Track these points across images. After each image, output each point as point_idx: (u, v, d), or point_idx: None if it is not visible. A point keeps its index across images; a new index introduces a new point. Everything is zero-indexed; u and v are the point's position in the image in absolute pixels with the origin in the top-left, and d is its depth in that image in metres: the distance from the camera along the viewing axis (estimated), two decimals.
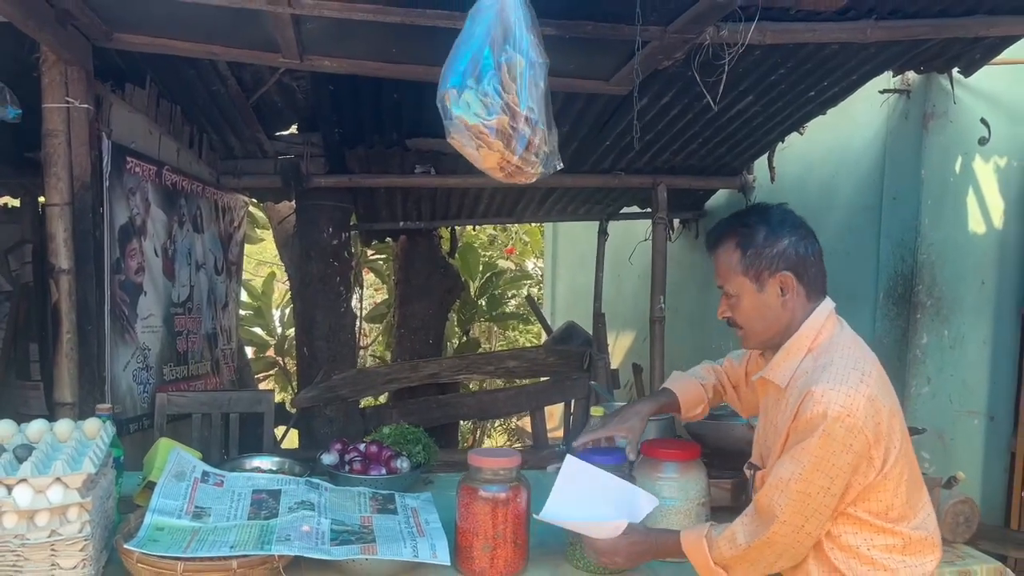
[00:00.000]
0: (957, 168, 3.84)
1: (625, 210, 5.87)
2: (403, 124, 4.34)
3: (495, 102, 1.83)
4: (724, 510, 2.39)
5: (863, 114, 4.12)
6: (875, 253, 4.05)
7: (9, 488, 1.62)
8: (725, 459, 2.50)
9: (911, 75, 3.85)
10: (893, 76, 3.84)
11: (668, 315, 4.79)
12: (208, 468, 2.14)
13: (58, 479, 1.65)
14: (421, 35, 2.80)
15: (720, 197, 5.52)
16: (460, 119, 1.82)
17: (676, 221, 5.87)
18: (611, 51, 3.06)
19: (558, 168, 2.14)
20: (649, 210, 5.20)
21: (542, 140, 2.03)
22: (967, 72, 3.63)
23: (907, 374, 3.91)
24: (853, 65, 3.46)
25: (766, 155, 4.80)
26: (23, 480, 1.63)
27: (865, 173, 4.17)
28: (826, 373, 1.64)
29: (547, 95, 2.03)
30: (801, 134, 4.45)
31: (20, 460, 1.71)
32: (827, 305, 1.79)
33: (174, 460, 2.08)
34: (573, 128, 4.15)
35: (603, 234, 5.79)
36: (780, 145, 4.66)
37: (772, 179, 4.82)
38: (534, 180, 2.15)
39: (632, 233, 5.91)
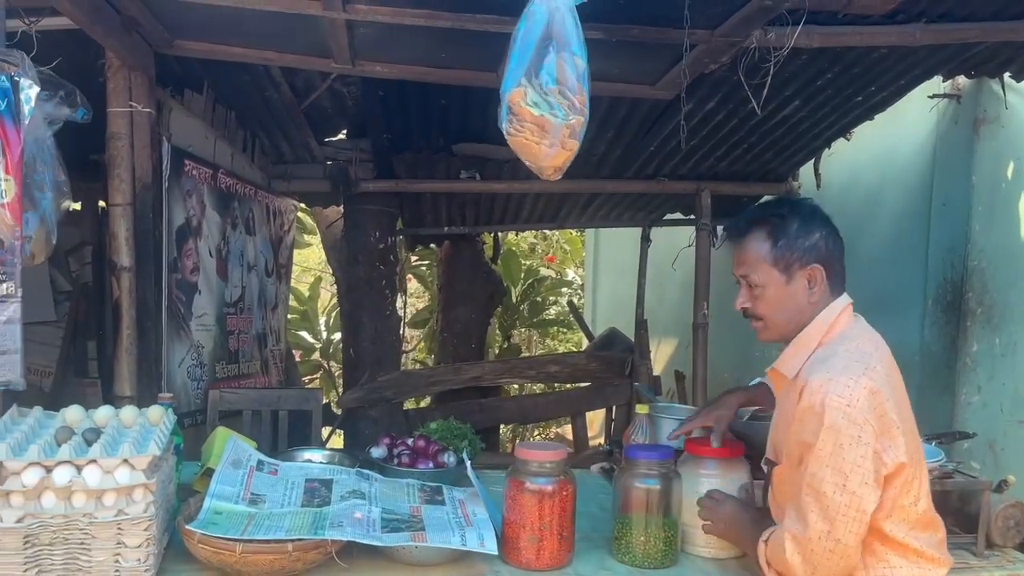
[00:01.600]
0: (1009, 174, 3.79)
1: (668, 217, 5.86)
2: (450, 129, 4.41)
3: (569, 101, 1.87)
4: (765, 511, 2.39)
5: (912, 119, 4.08)
6: (923, 260, 4.01)
7: (79, 468, 1.70)
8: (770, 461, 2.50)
9: (962, 79, 3.81)
10: (943, 80, 3.81)
11: (711, 322, 4.78)
12: (263, 457, 2.21)
13: (125, 460, 1.72)
14: (470, 40, 2.86)
15: None
16: (542, 117, 1.85)
17: (720, 228, 5.84)
18: (656, 55, 3.09)
19: None
20: (692, 217, 5.20)
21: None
22: (1019, 76, 3.58)
23: (956, 383, 3.86)
24: (902, 69, 3.44)
25: (812, 161, 4.78)
26: (92, 461, 1.70)
27: (914, 179, 4.14)
28: (826, 364, 1.64)
29: None
30: (848, 140, 4.42)
31: (89, 443, 1.78)
32: (843, 300, 1.78)
33: (231, 448, 2.15)
34: (617, 133, 4.18)
35: (646, 240, 5.79)
36: (826, 151, 4.63)
37: (818, 185, 4.79)
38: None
39: (675, 240, 5.89)
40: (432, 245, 6.72)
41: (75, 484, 1.68)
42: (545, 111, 1.85)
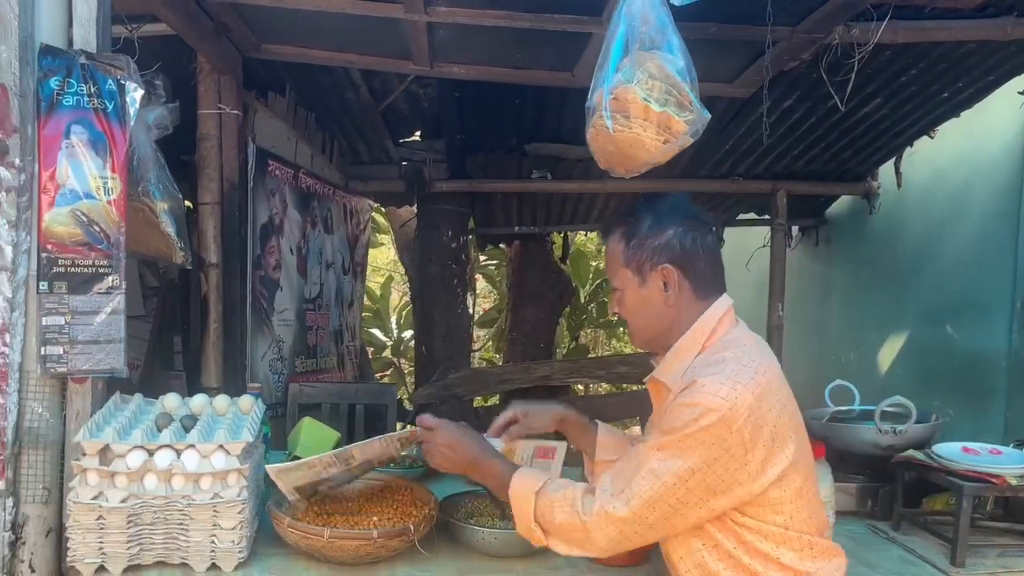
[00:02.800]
0: None
1: (742, 217, 5.79)
2: (523, 129, 4.45)
3: (683, 98, 1.87)
4: (849, 515, 2.36)
5: (1000, 116, 3.94)
6: (1012, 262, 3.87)
7: (179, 453, 1.79)
8: (851, 463, 2.46)
9: None
10: None
11: (786, 325, 4.71)
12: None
13: (220, 446, 1.80)
14: (546, 40, 2.88)
15: (842, 204, 5.38)
16: (664, 114, 1.84)
17: (795, 228, 5.76)
18: (734, 53, 3.07)
19: None
20: (767, 216, 5.13)
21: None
22: None
23: None
24: (991, 64, 3.33)
25: (892, 160, 4.66)
26: (191, 446, 1.79)
27: (1002, 178, 3.99)
28: (716, 367, 1.52)
29: None
30: (931, 138, 4.30)
31: (187, 429, 1.87)
32: (723, 302, 1.65)
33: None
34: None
35: (719, 241, 5.73)
36: (908, 149, 4.51)
37: (898, 185, 4.67)
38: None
39: (747, 240, 5.83)
40: (502, 245, 6.77)
41: (175, 467, 1.77)
42: (669, 108, 1.85)
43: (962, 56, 3.22)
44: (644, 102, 1.84)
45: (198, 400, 2.06)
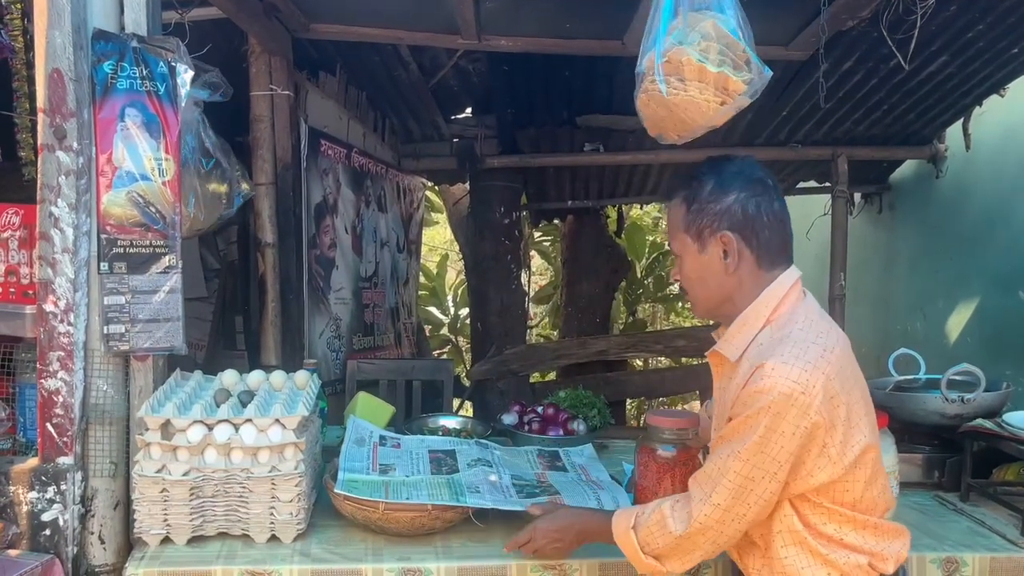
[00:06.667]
0: None
1: (801, 185, 5.64)
2: (573, 101, 4.39)
3: (740, 57, 1.82)
4: (914, 486, 2.30)
5: None
6: None
7: (236, 427, 1.83)
8: (916, 433, 2.40)
9: None
10: None
11: (849, 295, 4.57)
12: (384, 432, 2.28)
13: (277, 420, 1.83)
14: (594, 8, 2.83)
15: (907, 168, 5.20)
16: (720, 75, 1.79)
17: (857, 195, 5.58)
18: (790, 13, 2.97)
19: None
20: (828, 184, 4.99)
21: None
22: None
23: None
24: None
25: (960, 121, 4.47)
26: (248, 420, 1.83)
27: None
28: (782, 346, 1.44)
29: None
30: (1002, 96, 4.10)
31: (244, 404, 1.91)
32: (792, 274, 1.56)
33: (352, 428, 2.22)
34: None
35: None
36: (977, 109, 4.32)
37: (967, 147, 4.49)
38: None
39: (807, 209, 5.67)
40: (555, 220, 6.73)
41: (233, 441, 1.81)
42: (725, 68, 1.80)
43: None
44: (700, 63, 1.79)
45: (255, 376, 2.09)
